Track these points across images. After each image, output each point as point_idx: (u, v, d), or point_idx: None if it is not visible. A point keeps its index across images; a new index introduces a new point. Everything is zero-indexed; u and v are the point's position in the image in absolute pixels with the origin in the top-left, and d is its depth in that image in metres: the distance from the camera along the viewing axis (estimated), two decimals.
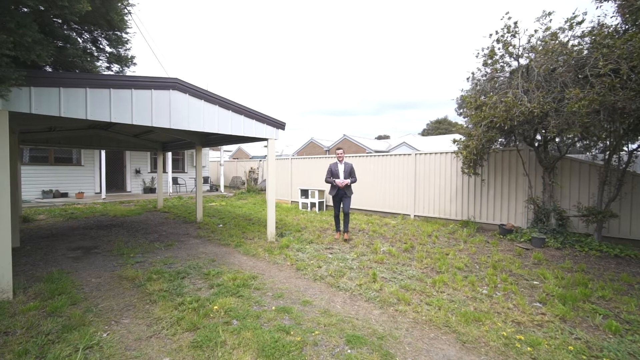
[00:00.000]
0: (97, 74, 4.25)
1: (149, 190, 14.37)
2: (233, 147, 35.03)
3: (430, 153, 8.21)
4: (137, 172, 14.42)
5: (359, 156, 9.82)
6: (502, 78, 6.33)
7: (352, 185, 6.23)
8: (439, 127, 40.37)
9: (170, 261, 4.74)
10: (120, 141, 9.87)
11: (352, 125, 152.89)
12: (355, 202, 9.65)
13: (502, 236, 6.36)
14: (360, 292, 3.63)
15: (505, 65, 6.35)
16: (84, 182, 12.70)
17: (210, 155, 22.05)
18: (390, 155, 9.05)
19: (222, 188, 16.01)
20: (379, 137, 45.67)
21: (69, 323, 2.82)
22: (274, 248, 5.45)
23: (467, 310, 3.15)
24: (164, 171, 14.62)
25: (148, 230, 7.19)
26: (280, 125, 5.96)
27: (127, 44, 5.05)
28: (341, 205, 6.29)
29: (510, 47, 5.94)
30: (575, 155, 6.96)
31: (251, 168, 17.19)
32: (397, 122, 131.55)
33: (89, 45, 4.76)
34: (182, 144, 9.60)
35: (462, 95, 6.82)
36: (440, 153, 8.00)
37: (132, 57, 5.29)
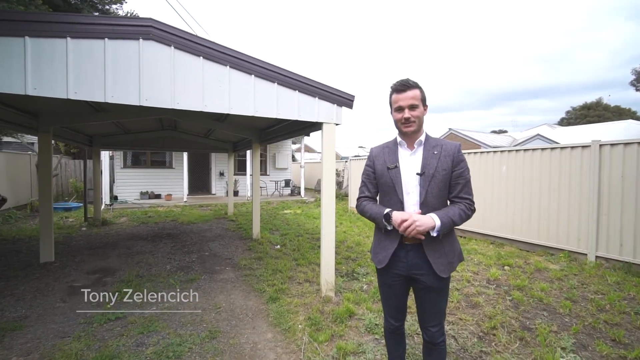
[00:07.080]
0: None
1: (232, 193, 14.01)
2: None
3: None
4: (221, 174, 14.27)
5: (475, 152, 6.44)
6: None
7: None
8: (587, 115, 30.02)
9: (156, 324, 2.91)
10: (191, 142, 9.20)
11: (456, 122, 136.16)
12: (471, 221, 6.32)
13: None
14: None
15: None
16: (174, 185, 13.06)
17: (298, 157, 21.20)
18: (541, 149, 5.42)
19: (302, 192, 14.54)
20: (493, 132, 37.54)
21: None
22: (326, 317, 3.04)
23: None
24: (243, 173, 14.06)
25: (193, 248, 5.86)
26: (343, 100, 3.51)
27: None
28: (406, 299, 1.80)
29: None
30: None
31: (335, 170, 15.23)
32: (513, 114, 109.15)
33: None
34: (245, 142, 8.23)
35: None
36: None
37: (133, 15, 3.67)
